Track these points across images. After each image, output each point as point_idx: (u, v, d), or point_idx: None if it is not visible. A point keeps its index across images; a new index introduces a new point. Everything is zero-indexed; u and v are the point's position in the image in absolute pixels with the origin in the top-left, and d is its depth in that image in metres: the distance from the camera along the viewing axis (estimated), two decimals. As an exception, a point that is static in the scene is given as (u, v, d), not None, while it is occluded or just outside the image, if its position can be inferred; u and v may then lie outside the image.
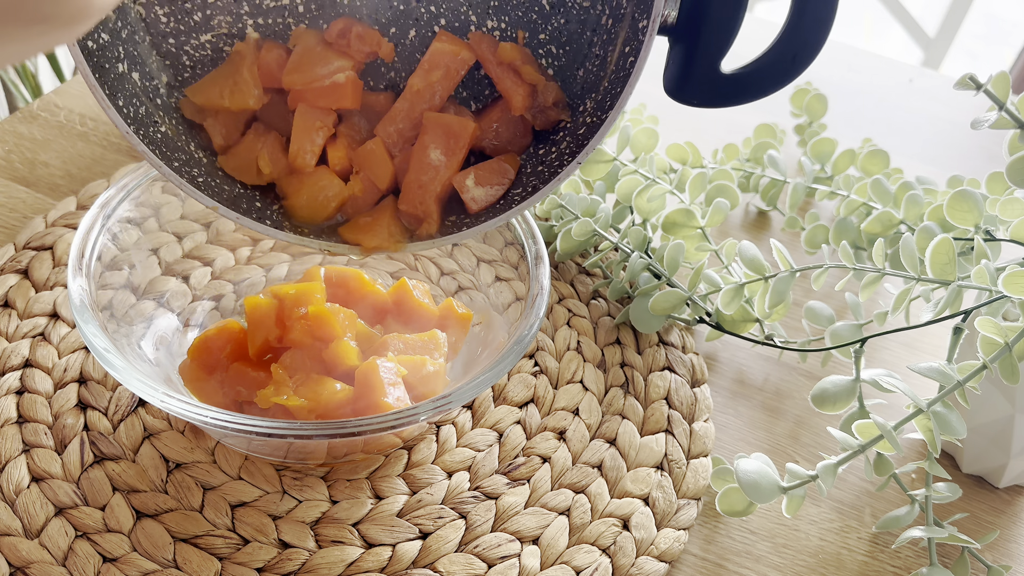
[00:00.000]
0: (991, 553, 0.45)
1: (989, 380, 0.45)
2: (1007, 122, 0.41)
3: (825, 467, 0.41)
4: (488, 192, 0.39)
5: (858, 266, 0.48)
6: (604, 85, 0.37)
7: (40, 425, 0.44)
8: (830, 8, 0.34)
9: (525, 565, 0.41)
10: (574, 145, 0.37)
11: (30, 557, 0.39)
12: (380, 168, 0.39)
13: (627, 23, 0.36)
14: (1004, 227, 0.48)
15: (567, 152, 0.38)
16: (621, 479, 0.45)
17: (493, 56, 0.38)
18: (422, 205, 0.38)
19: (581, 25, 0.38)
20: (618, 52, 0.37)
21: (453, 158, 0.38)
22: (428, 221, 0.39)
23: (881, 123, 0.80)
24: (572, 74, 0.39)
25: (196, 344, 0.44)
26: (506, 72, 0.38)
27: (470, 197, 0.38)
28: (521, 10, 0.38)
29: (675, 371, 0.51)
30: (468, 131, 0.38)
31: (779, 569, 0.43)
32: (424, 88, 0.38)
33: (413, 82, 0.38)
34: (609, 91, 0.37)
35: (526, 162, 0.40)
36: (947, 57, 1.78)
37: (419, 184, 0.38)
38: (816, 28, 0.34)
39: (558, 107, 0.39)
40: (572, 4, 0.37)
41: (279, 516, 0.41)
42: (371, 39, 0.38)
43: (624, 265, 0.55)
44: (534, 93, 0.39)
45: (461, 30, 0.38)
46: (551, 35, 0.38)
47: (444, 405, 0.37)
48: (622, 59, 0.36)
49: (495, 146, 0.40)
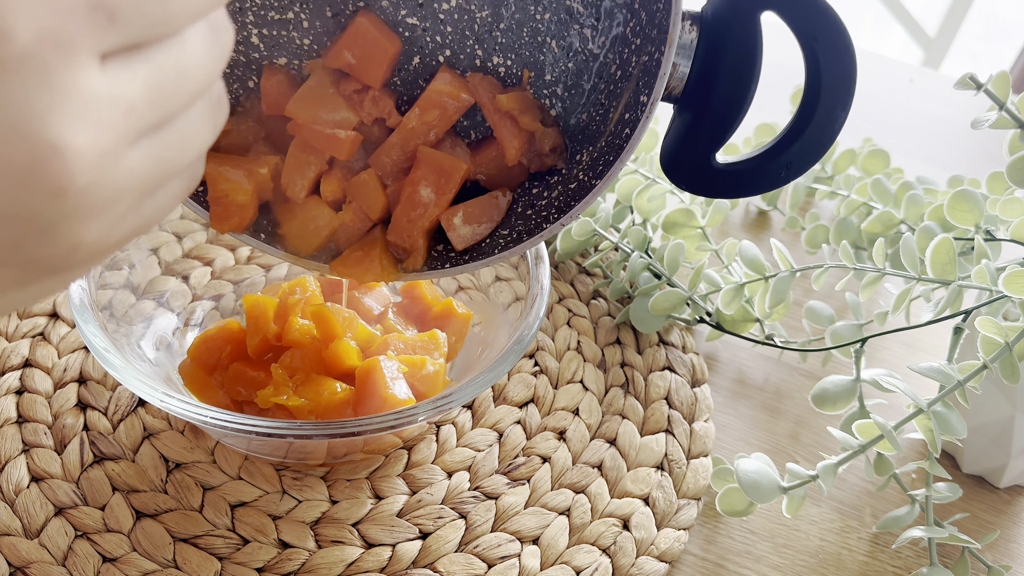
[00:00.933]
0: (991, 553, 0.45)
1: (989, 380, 0.45)
2: (1007, 122, 0.41)
3: (825, 467, 0.41)
4: (475, 231, 0.38)
5: (858, 266, 0.48)
6: (601, 144, 0.37)
7: (40, 425, 0.43)
8: (828, 135, 0.34)
9: (525, 565, 0.41)
10: (563, 198, 0.37)
11: (30, 557, 0.38)
12: (372, 200, 0.38)
13: (632, 87, 0.35)
14: (1004, 227, 0.48)
15: (556, 203, 0.37)
16: (621, 479, 0.45)
17: (491, 103, 0.37)
18: (410, 239, 0.38)
19: (589, 72, 0.37)
20: (619, 113, 0.36)
21: (443, 196, 0.38)
22: (415, 254, 0.39)
23: (881, 123, 0.80)
24: (575, 118, 0.38)
25: (196, 344, 0.44)
26: (503, 120, 0.37)
27: (457, 235, 0.38)
28: (529, 49, 0.37)
29: (675, 371, 0.51)
30: (460, 171, 0.38)
31: (779, 569, 0.43)
32: (419, 126, 0.38)
33: (408, 119, 0.38)
34: (604, 153, 0.36)
35: (517, 199, 0.39)
36: (947, 57, 1.78)
37: (408, 219, 0.38)
38: (812, 148, 0.34)
39: (555, 153, 0.38)
40: (583, 49, 0.37)
41: (279, 516, 0.41)
42: (384, 106, 0.38)
43: (624, 265, 0.55)
44: (531, 139, 0.38)
45: (466, 63, 0.38)
46: (557, 77, 0.38)
47: (444, 405, 0.37)
48: (621, 124, 0.35)
49: (489, 178, 0.40)
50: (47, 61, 0.18)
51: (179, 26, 0.20)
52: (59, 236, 0.20)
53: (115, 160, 0.20)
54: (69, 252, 0.20)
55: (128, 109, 0.20)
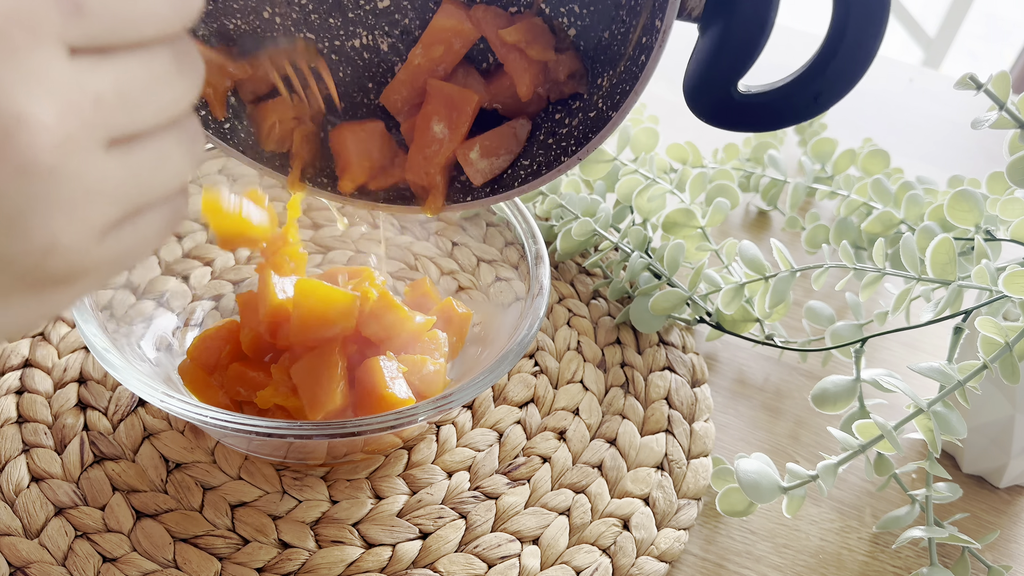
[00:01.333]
0: (991, 553, 0.45)
1: (989, 380, 0.45)
2: (1007, 122, 0.41)
3: (825, 467, 0.41)
4: (493, 164, 0.37)
5: (858, 266, 0.48)
6: (620, 69, 0.35)
7: (40, 425, 0.43)
8: (861, 63, 0.32)
9: (525, 565, 0.41)
10: (583, 128, 0.36)
11: (30, 557, 0.38)
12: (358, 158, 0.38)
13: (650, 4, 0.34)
14: (1004, 227, 0.48)
15: (576, 132, 0.36)
16: (621, 479, 0.45)
17: (497, 37, 0.36)
18: (427, 176, 0.37)
19: None
20: (637, 35, 0.34)
21: (457, 131, 0.37)
22: (434, 193, 0.38)
23: (881, 123, 0.80)
24: (596, 36, 0.36)
25: (196, 344, 0.44)
26: (511, 53, 0.36)
27: (474, 170, 0.37)
28: None
29: (675, 371, 0.51)
30: (472, 103, 0.36)
31: (779, 569, 0.43)
32: (425, 63, 0.36)
33: (413, 56, 0.36)
34: (623, 80, 0.35)
35: (539, 126, 0.38)
36: (947, 57, 1.78)
37: (424, 156, 0.37)
38: (847, 72, 0.32)
39: (574, 80, 0.37)
40: None
41: (279, 516, 0.41)
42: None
43: (624, 265, 0.55)
44: (545, 69, 0.36)
45: None
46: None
47: (444, 405, 0.37)
48: (639, 49, 0.34)
49: (507, 107, 0.38)
50: (14, 38, 0.18)
51: (145, 33, 0.21)
52: (29, 228, 0.20)
53: (84, 152, 0.20)
54: (43, 254, 0.20)
55: (95, 99, 0.20)
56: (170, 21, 0.22)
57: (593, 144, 0.34)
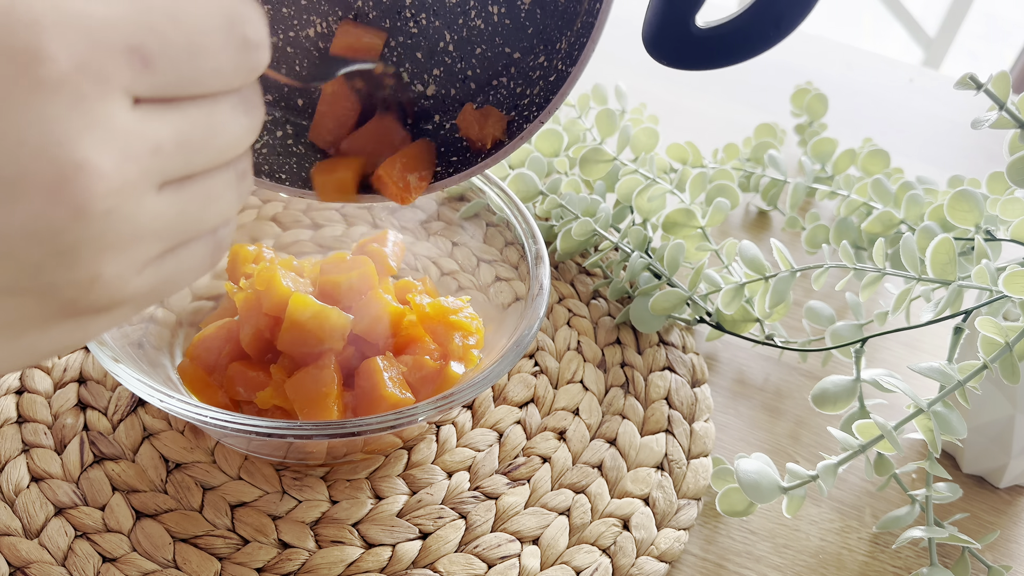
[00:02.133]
0: (991, 553, 0.45)
1: (989, 380, 0.45)
2: (1007, 122, 0.41)
3: (825, 467, 0.41)
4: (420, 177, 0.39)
5: (858, 266, 0.48)
6: (577, 26, 0.35)
7: (40, 425, 0.43)
8: None
9: (525, 565, 0.41)
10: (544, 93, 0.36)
11: (30, 557, 0.38)
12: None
13: None
14: (1004, 227, 0.48)
15: (538, 99, 0.36)
16: (621, 479, 0.45)
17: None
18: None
19: None
20: None
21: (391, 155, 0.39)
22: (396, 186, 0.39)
23: (881, 123, 0.80)
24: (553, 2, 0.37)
25: (195, 344, 0.44)
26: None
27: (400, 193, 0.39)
28: None
29: (675, 371, 0.51)
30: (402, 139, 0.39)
31: (779, 569, 0.43)
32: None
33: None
34: (580, 36, 0.35)
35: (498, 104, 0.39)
36: (947, 57, 1.78)
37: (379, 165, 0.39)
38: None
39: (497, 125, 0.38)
40: None
41: (279, 516, 0.41)
42: None
43: (624, 265, 0.55)
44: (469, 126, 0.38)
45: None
46: None
47: (444, 405, 0.37)
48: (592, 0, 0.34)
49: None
50: (83, 88, 0.19)
51: (209, 87, 0.22)
52: (78, 262, 0.20)
53: (139, 195, 0.21)
54: (87, 284, 0.21)
55: (155, 148, 0.21)
56: (235, 77, 0.22)
57: (554, 104, 0.35)
